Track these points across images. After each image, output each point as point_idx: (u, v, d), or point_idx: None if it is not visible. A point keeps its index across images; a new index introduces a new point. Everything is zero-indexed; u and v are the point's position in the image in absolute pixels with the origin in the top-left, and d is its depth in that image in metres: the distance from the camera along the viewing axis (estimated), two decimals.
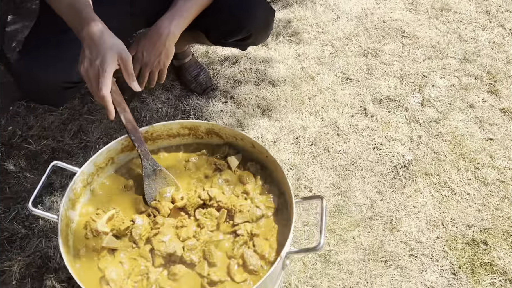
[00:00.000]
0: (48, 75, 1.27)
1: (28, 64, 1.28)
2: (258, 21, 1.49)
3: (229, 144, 1.24)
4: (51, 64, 1.27)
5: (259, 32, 1.54)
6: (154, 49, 1.30)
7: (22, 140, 1.85)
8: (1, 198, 1.68)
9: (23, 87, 1.35)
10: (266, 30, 1.57)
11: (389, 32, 2.23)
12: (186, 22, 1.34)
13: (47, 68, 1.27)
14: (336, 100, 1.96)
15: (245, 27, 1.46)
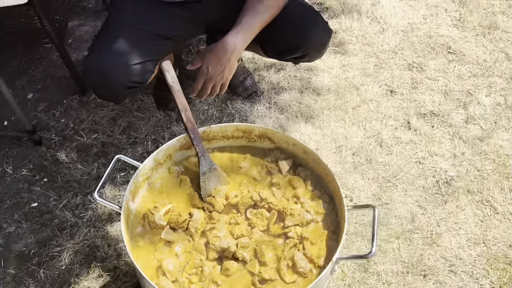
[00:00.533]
0: (116, 75, 1.35)
1: (99, 61, 1.35)
2: (315, 42, 1.53)
3: (281, 149, 1.28)
4: (120, 65, 1.34)
5: (314, 52, 1.58)
6: (218, 64, 1.37)
7: (74, 133, 1.94)
8: (53, 187, 1.76)
9: (90, 82, 1.43)
10: (321, 51, 1.60)
11: (435, 48, 2.23)
12: (250, 38, 1.40)
13: (116, 68, 1.34)
14: (380, 112, 1.98)
15: (301, 47, 1.51)
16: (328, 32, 1.57)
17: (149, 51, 1.43)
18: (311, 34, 1.49)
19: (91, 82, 1.43)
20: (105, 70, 1.34)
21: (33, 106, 2.04)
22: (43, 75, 2.17)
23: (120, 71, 1.35)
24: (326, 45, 1.59)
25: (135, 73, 1.36)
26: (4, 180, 1.78)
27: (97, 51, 1.39)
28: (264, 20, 1.40)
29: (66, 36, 2.30)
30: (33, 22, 1.71)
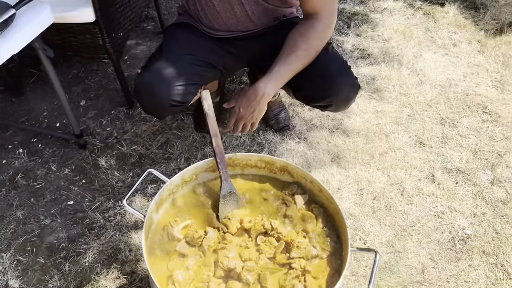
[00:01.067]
0: (161, 93, 1.51)
1: (148, 80, 1.52)
2: (341, 96, 1.60)
3: (298, 184, 1.36)
4: (165, 85, 1.51)
5: (340, 105, 1.66)
6: (249, 107, 1.51)
7: (116, 142, 2.10)
8: (90, 189, 1.91)
9: (139, 97, 1.59)
10: (346, 104, 1.67)
11: (470, 106, 2.27)
12: (280, 85, 1.52)
13: (161, 87, 1.51)
14: (406, 161, 2.02)
15: (327, 98, 1.60)
16: (355, 88, 1.63)
17: (193, 75, 1.59)
18: (338, 87, 1.56)
19: (139, 98, 1.59)
20: (152, 88, 1.51)
21: (84, 113, 2.23)
22: (97, 85, 2.37)
23: (164, 90, 1.50)
24: (352, 100, 1.65)
25: (177, 93, 1.51)
26: (48, 176, 1.95)
27: (148, 70, 1.56)
28: (295, 69, 1.52)
29: (123, 53, 2.50)
30: (96, 38, 1.90)
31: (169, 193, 1.29)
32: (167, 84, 1.50)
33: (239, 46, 1.72)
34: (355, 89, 1.63)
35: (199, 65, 1.64)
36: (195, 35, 1.70)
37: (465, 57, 2.53)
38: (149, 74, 1.55)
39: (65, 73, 2.42)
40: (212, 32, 1.71)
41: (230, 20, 1.65)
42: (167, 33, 1.76)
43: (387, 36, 2.63)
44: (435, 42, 2.61)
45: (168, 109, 1.57)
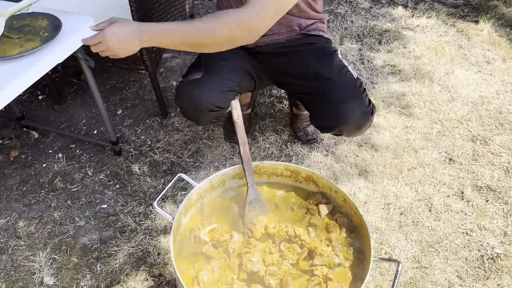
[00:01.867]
0: (202, 98, 1.59)
1: (189, 87, 1.62)
2: (350, 125, 1.60)
3: (323, 194, 1.39)
4: (207, 90, 1.60)
5: (351, 132, 1.68)
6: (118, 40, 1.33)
7: (150, 149, 2.18)
8: (122, 193, 1.99)
9: (180, 102, 1.68)
10: (358, 131, 1.67)
11: (503, 124, 2.23)
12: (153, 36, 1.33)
13: (203, 93, 1.60)
14: (435, 178, 2.01)
15: (336, 127, 1.62)
16: (366, 115, 1.60)
17: (231, 82, 1.67)
18: (345, 116, 1.56)
19: (181, 102, 1.69)
20: (192, 93, 1.61)
21: (120, 121, 2.33)
22: (133, 96, 2.47)
23: (204, 96, 1.59)
24: (364, 126, 1.64)
25: (217, 98, 1.59)
26: (84, 180, 2.05)
27: (189, 77, 1.68)
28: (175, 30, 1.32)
29: (159, 66, 2.61)
30: None
31: (198, 197, 1.34)
32: (207, 90, 1.59)
33: (265, 60, 1.77)
34: (367, 117, 1.61)
35: (236, 72, 1.72)
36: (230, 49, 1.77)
37: (499, 74, 2.50)
38: (190, 80, 1.65)
39: (104, 84, 2.55)
40: None
41: None
42: None
43: (419, 53, 2.64)
44: (468, 60, 2.59)
45: (208, 113, 1.64)
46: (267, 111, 2.36)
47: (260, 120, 2.31)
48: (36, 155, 2.17)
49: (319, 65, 1.68)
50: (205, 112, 1.63)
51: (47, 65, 1.47)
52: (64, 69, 2.55)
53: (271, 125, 2.28)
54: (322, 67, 1.67)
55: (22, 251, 1.78)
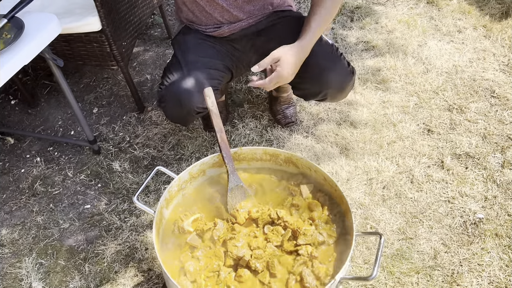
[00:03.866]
0: (191, 102, 1.57)
1: (176, 91, 1.58)
2: (333, 86, 1.62)
3: (303, 174, 1.39)
4: (191, 94, 1.56)
5: (335, 95, 1.68)
6: (295, 68, 1.50)
7: (129, 146, 2.16)
8: (105, 192, 1.97)
9: (166, 108, 1.64)
10: (342, 93, 1.68)
11: (478, 91, 2.26)
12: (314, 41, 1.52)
13: (188, 97, 1.56)
14: (415, 149, 2.03)
15: (320, 93, 1.63)
16: (348, 77, 1.63)
17: (212, 80, 1.63)
18: (328, 80, 1.58)
19: (166, 109, 1.64)
20: (178, 98, 1.57)
21: (97, 120, 2.30)
22: (108, 93, 2.44)
23: (189, 99, 1.56)
24: (347, 88, 1.66)
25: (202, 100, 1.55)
26: (65, 182, 2.02)
27: (169, 82, 1.62)
28: (324, 24, 1.51)
29: (132, 60, 2.57)
30: (104, 46, 1.96)
31: (178, 189, 1.34)
32: (191, 93, 1.55)
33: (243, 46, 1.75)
34: (348, 77, 1.64)
35: (217, 69, 1.69)
36: (202, 39, 1.74)
37: (471, 43, 2.53)
38: (172, 85, 1.60)
39: (77, 83, 2.50)
40: (206, 30, 1.75)
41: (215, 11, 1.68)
42: (176, 43, 1.79)
43: (391, 27, 2.64)
44: (439, 30, 2.61)
45: (194, 116, 1.63)
46: (245, 98, 2.35)
47: (238, 107, 2.30)
48: (13, 161, 2.13)
49: (295, 35, 1.67)
50: (192, 115, 1.62)
51: (13, 68, 1.43)
52: (34, 71, 2.50)
53: (250, 111, 2.28)
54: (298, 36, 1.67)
55: (7, 258, 1.76)
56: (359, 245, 1.70)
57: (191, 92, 1.58)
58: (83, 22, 1.85)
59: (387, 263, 1.66)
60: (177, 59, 1.70)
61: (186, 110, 1.59)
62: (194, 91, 1.58)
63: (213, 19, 1.71)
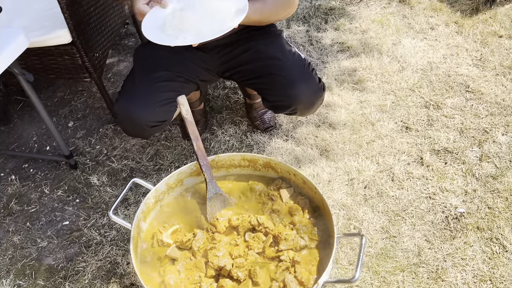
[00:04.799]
0: (141, 117, 1.53)
1: (126, 108, 1.54)
2: (303, 104, 1.60)
3: (283, 178, 1.38)
4: (144, 108, 1.52)
5: (304, 111, 1.66)
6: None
7: (107, 158, 2.12)
8: (84, 207, 1.93)
9: (120, 124, 1.61)
10: (311, 108, 1.66)
11: (453, 86, 2.28)
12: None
13: (141, 112, 1.53)
14: (394, 147, 2.04)
15: (290, 107, 1.61)
16: (318, 93, 1.61)
17: (169, 93, 1.59)
18: (298, 95, 1.55)
19: (120, 124, 1.61)
20: (130, 113, 1.53)
21: (73, 133, 2.26)
22: (83, 105, 2.39)
23: (143, 114, 1.52)
24: (316, 104, 1.64)
25: (158, 114, 1.53)
26: (42, 200, 1.97)
27: (123, 97, 1.57)
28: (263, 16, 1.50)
29: (107, 71, 2.53)
30: (75, 59, 1.92)
31: (156, 200, 1.31)
32: (145, 107, 1.52)
33: (211, 57, 1.72)
34: (318, 94, 1.62)
35: (174, 81, 1.65)
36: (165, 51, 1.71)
37: (444, 39, 2.56)
38: (125, 100, 1.56)
39: (51, 97, 2.45)
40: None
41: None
42: (136, 56, 1.74)
43: (365, 27, 2.66)
44: (413, 28, 2.64)
45: (150, 129, 1.59)
46: (223, 104, 2.33)
47: (217, 113, 2.28)
48: None
49: (266, 46, 1.66)
50: (146, 129, 1.58)
51: None
52: (6, 87, 2.44)
53: (229, 117, 2.26)
54: (270, 47, 1.65)
55: None
56: (343, 246, 1.69)
57: (142, 106, 1.54)
58: (52, 35, 1.81)
59: (372, 262, 1.66)
60: (133, 72, 1.67)
61: (139, 125, 1.56)
62: (144, 106, 1.54)
63: None
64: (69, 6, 1.74)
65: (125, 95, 1.60)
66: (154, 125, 1.59)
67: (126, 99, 1.58)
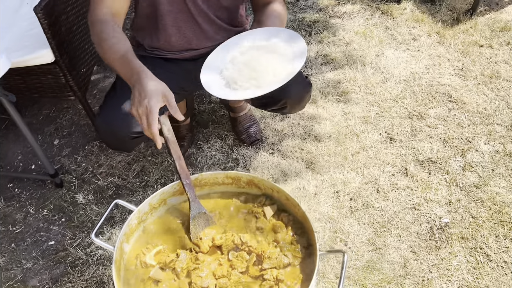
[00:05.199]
0: (122, 130, 1.53)
1: (107, 120, 1.54)
2: (293, 96, 1.63)
3: (267, 195, 1.38)
4: (124, 119, 1.52)
5: (294, 105, 1.69)
6: None
7: (92, 176, 2.11)
8: (69, 226, 1.92)
9: (101, 137, 1.61)
10: (301, 103, 1.70)
11: (436, 96, 2.31)
12: None
13: (121, 123, 1.52)
14: (378, 159, 2.05)
15: (280, 100, 1.63)
16: (307, 87, 1.67)
17: None
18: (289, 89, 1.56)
19: (102, 137, 1.61)
20: (110, 125, 1.53)
21: (58, 151, 2.24)
22: (69, 123, 2.39)
23: (123, 125, 1.52)
24: (305, 98, 1.69)
25: (137, 124, 1.52)
26: (27, 220, 1.96)
27: (104, 109, 1.58)
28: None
29: (92, 87, 2.53)
30: (59, 77, 1.92)
31: (139, 221, 1.31)
32: (124, 118, 1.52)
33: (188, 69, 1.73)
34: (307, 88, 1.67)
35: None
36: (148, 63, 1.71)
37: (426, 50, 2.59)
38: (105, 112, 1.57)
39: (36, 115, 2.44)
40: (165, 53, 1.73)
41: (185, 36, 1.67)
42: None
43: (349, 39, 2.69)
44: (395, 39, 2.67)
45: (132, 141, 1.58)
46: (209, 118, 2.34)
47: (203, 128, 2.29)
48: None
49: None
50: (128, 140, 1.57)
51: None
52: None
53: (215, 132, 2.26)
54: None
55: None
56: (330, 260, 1.70)
57: (122, 117, 1.53)
58: (35, 54, 1.81)
59: (358, 275, 1.67)
60: (114, 85, 1.68)
61: (120, 137, 1.56)
62: (124, 116, 1.53)
63: (179, 47, 1.70)
64: (51, 26, 1.74)
65: (105, 108, 1.60)
66: (135, 136, 1.58)
67: (106, 112, 1.59)
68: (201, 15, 1.61)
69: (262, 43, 1.44)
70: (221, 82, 1.42)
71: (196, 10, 1.59)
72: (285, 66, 1.37)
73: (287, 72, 1.35)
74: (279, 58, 1.39)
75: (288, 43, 1.42)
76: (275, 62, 1.39)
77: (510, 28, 2.65)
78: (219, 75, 1.44)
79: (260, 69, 1.37)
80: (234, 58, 1.45)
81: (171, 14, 1.59)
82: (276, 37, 1.44)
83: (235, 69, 1.40)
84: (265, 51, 1.42)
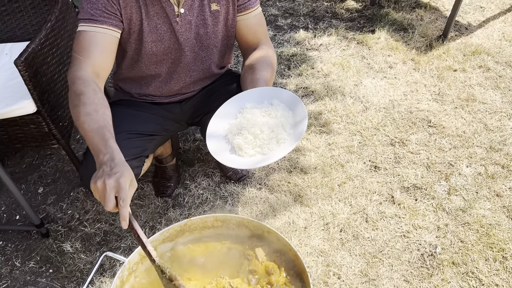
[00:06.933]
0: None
1: (90, 168, 1.52)
2: None
3: (257, 236, 1.38)
4: None
5: None
6: None
7: (79, 223, 2.08)
8: (58, 277, 1.87)
9: (86, 184, 1.59)
10: None
11: (416, 122, 2.37)
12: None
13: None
14: (365, 188, 2.08)
15: None
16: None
17: (133, 149, 1.60)
18: None
19: (86, 185, 1.59)
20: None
21: (43, 200, 2.21)
22: (53, 170, 2.36)
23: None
24: None
25: None
26: (13, 273, 1.91)
27: (87, 158, 1.57)
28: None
29: (75, 133, 2.52)
30: (41, 127, 1.91)
31: (129, 272, 1.29)
32: None
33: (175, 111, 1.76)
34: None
35: (137, 139, 1.65)
36: (131, 108, 1.73)
37: (403, 76, 2.67)
38: (89, 160, 1.55)
39: (18, 164, 2.41)
40: (155, 99, 1.75)
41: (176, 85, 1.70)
42: None
43: (327, 71, 2.75)
44: (372, 68, 2.74)
45: None
46: (194, 156, 2.34)
47: (189, 167, 2.29)
48: None
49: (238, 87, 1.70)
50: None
51: None
52: None
53: (201, 170, 2.27)
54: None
55: None
56: None
57: None
58: (16, 106, 1.81)
59: None
60: None
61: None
62: None
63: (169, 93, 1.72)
64: (32, 78, 1.75)
65: (89, 155, 1.58)
66: None
67: (90, 159, 1.56)
68: (197, 63, 1.65)
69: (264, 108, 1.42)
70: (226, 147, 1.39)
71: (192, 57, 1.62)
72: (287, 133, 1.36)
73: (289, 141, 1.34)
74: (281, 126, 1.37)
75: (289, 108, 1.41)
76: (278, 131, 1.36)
77: (480, 51, 2.75)
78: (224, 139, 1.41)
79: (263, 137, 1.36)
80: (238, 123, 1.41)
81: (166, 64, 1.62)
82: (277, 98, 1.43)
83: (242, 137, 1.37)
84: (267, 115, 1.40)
